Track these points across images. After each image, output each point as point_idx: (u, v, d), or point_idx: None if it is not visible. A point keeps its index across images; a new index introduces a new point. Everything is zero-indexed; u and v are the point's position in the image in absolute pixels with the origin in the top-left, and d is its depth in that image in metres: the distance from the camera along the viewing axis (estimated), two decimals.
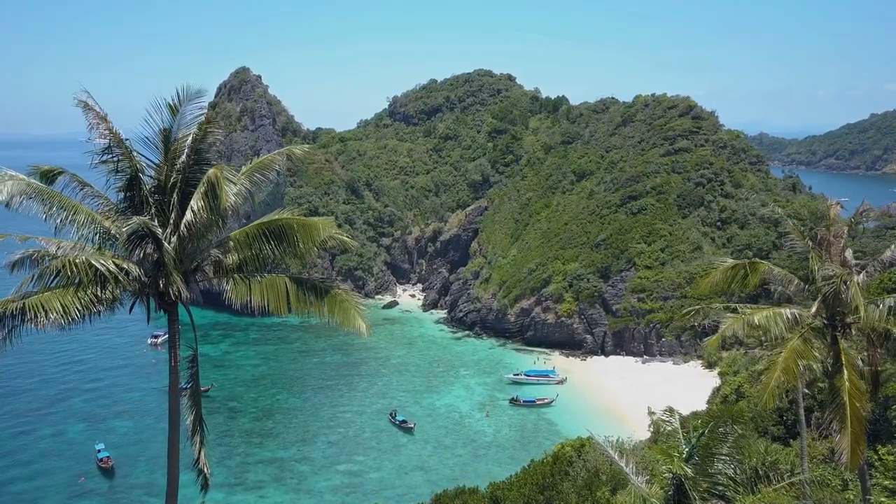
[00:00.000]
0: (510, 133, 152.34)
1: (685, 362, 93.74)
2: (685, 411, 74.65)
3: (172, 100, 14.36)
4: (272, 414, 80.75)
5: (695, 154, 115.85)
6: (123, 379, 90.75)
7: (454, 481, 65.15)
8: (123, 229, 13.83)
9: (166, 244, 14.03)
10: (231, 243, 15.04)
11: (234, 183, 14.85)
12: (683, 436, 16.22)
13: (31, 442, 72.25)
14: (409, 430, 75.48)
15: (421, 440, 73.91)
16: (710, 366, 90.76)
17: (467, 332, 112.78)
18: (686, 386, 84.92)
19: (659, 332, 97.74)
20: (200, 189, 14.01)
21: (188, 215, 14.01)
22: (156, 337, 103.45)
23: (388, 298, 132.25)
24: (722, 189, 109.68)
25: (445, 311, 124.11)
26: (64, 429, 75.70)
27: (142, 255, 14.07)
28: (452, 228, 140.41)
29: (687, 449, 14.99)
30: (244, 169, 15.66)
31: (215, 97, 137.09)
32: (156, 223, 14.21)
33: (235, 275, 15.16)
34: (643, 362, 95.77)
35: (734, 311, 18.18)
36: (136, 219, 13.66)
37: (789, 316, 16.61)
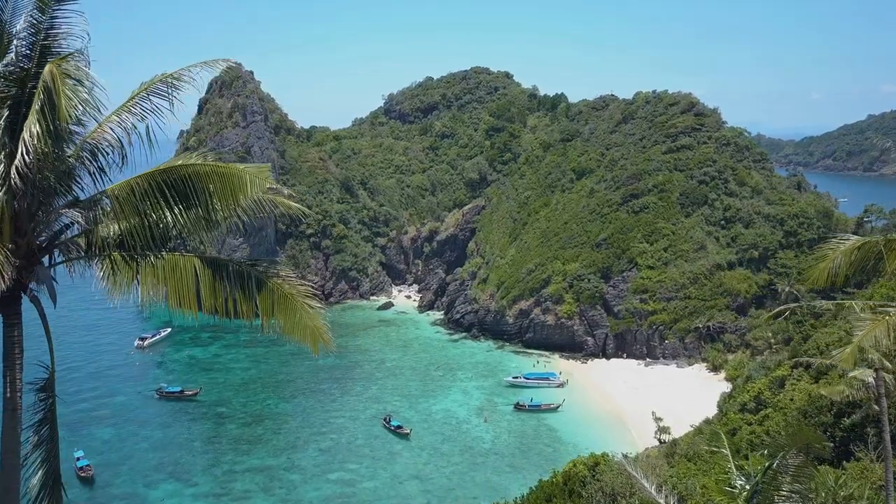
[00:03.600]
0: (508, 131, 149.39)
1: (689, 365, 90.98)
2: (691, 416, 71.94)
3: None
4: (262, 420, 77.61)
5: (697, 152, 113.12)
6: (108, 383, 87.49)
7: (451, 491, 62.37)
8: None
9: None
10: (108, 204, 9.88)
11: (80, 83, 8.89)
12: (735, 466, 13.41)
13: None
14: (404, 436, 72.49)
15: (417, 447, 70.90)
16: (714, 369, 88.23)
17: (464, 333, 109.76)
18: (690, 390, 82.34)
19: (662, 334, 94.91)
20: (35, 105, 8.64)
21: (20, 153, 8.65)
22: (143, 339, 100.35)
23: (383, 299, 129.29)
24: (726, 187, 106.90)
25: (442, 312, 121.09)
26: None
27: None
28: (449, 228, 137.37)
29: (746, 484, 12.14)
30: (134, 91, 10.09)
31: (206, 93, 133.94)
32: None
33: (115, 253, 10.00)
34: (646, 365, 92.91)
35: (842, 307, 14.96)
36: None
37: None
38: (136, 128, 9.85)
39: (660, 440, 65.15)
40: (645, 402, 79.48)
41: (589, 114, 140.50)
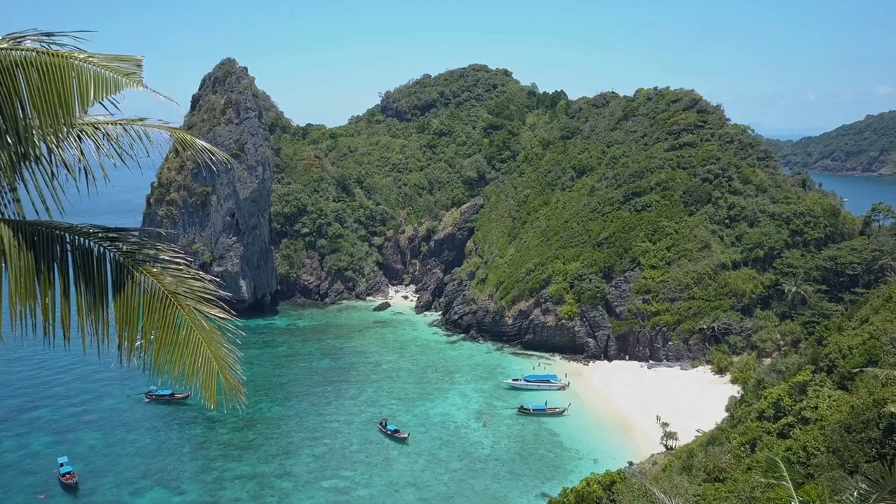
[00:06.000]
0: (506, 128, 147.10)
1: (693, 367, 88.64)
2: (695, 419, 69.73)
3: None
4: (253, 424, 75.08)
5: (701, 149, 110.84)
6: (96, 385, 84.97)
7: (449, 499, 59.93)
8: None
9: None
10: None
11: None
12: (796, 495, 11.16)
13: None
14: (402, 440, 70.05)
15: (413, 453, 68.44)
16: (719, 371, 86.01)
17: (463, 335, 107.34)
18: (695, 392, 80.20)
19: (665, 336, 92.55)
20: None
21: None
22: None
23: (379, 300, 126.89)
24: (730, 185, 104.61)
25: (439, 313, 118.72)
26: (28, 440, 70.01)
27: None
28: (447, 227, 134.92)
29: None
30: None
31: (199, 89, 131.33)
32: None
33: None
34: (649, 367, 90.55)
35: None
36: None
37: None
38: None
39: (666, 446, 62.95)
40: (648, 405, 77.38)
41: (589, 111, 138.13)
